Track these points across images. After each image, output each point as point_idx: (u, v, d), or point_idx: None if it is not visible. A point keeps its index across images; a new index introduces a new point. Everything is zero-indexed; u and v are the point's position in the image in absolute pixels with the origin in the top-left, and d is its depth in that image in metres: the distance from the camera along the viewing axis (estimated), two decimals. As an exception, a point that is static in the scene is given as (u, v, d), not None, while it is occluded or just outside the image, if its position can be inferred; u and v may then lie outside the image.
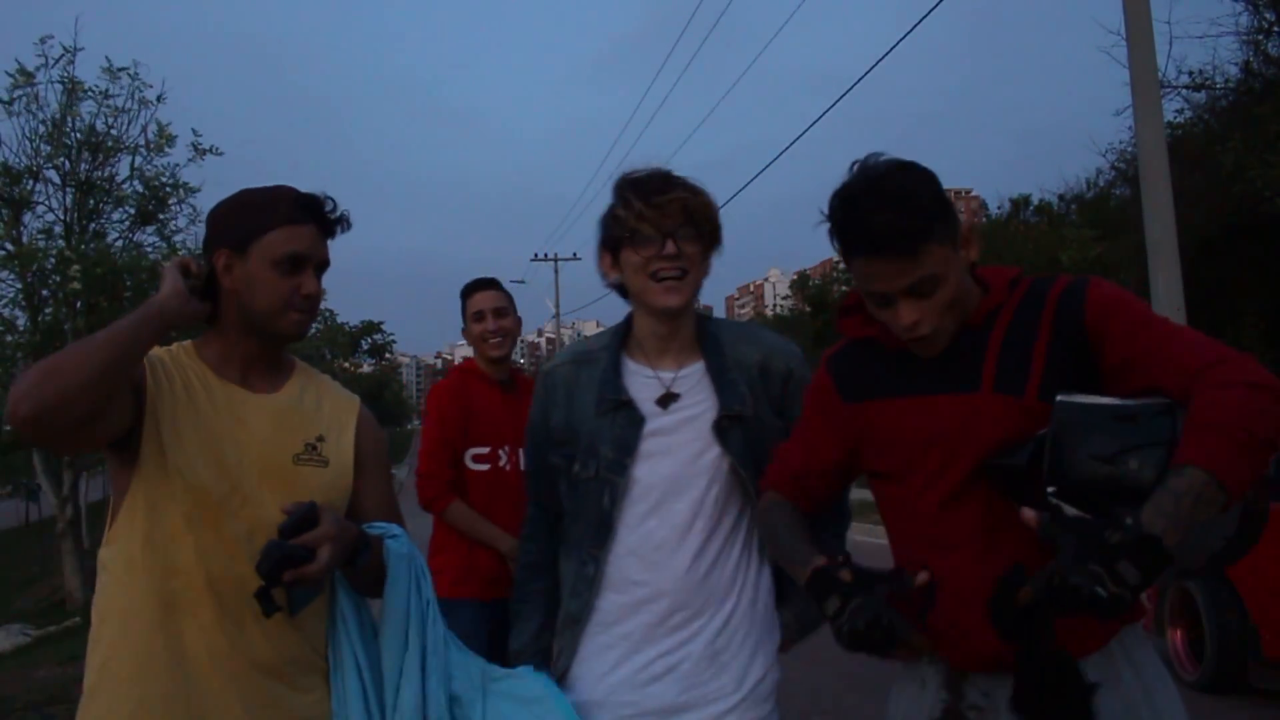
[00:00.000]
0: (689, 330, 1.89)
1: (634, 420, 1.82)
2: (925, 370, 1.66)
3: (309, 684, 1.72)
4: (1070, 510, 1.43)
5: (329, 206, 1.76)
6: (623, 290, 1.90)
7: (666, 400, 1.84)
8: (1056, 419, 1.49)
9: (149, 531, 1.65)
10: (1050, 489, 1.45)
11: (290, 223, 1.70)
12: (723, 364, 1.86)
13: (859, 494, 1.97)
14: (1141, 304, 1.63)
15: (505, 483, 3.14)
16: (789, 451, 1.81)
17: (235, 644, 1.65)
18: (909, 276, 1.54)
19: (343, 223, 1.79)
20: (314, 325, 1.77)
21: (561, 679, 1.85)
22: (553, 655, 1.90)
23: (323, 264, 1.76)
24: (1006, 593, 1.45)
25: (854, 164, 1.63)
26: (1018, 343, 1.61)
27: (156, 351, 1.73)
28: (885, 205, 1.53)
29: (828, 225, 1.63)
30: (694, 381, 1.85)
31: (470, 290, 3.43)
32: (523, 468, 2.46)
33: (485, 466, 3.19)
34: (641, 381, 1.86)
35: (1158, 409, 1.47)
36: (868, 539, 5.32)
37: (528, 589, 1.99)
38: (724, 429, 1.81)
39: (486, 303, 3.34)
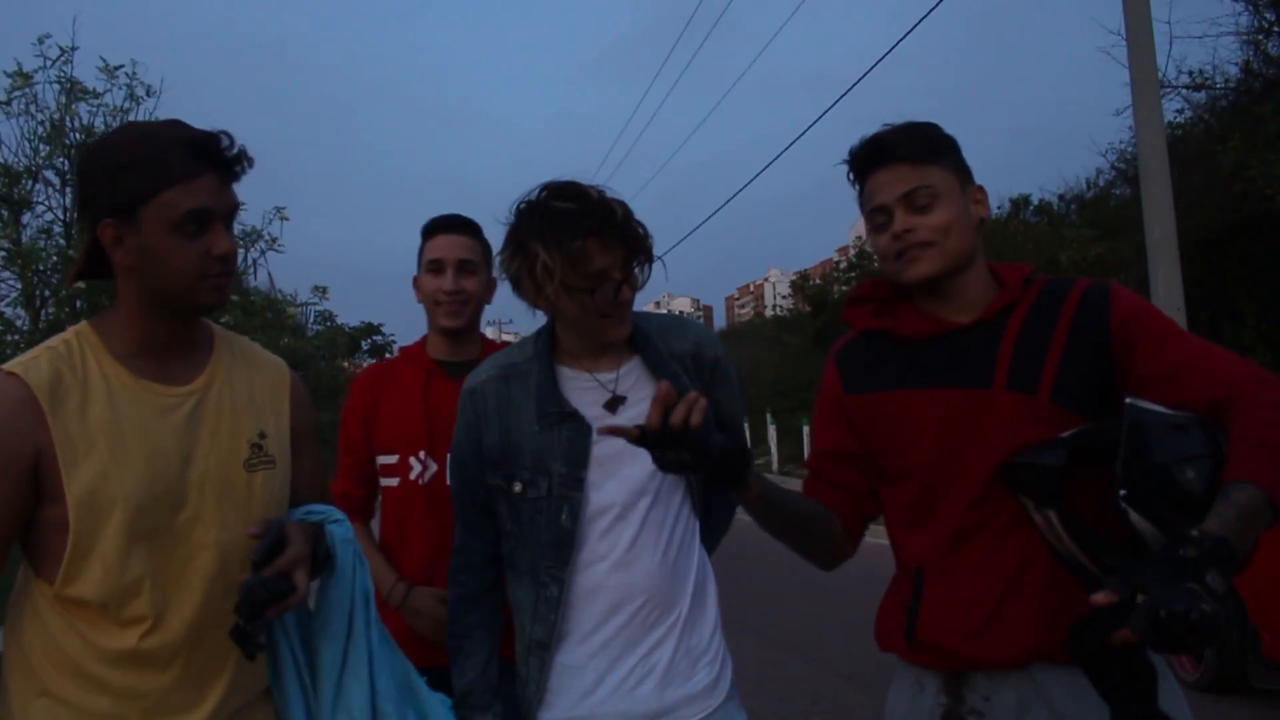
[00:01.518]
0: (630, 322, 1.83)
1: (581, 431, 1.75)
2: (936, 363, 1.66)
3: (260, 705, 1.57)
4: (1135, 516, 1.43)
5: (224, 144, 1.46)
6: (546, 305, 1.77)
7: (614, 404, 1.78)
8: (1130, 421, 1.47)
9: (106, 595, 1.39)
10: (1122, 492, 1.44)
11: (185, 177, 1.40)
12: (659, 356, 1.82)
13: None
14: (1163, 313, 1.64)
15: (417, 500, 2.33)
16: (813, 453, 1.84)
17: (204, 695, 1.46)
18: (907, 183, 1.64)
19: (243, 160, 1.49)
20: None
21: (535, 704, 1.77)
22: (519, 683, 1.80)
23: (231, 212, 1.48)
24: (1093, 635, 1.39)
25: None
26: (1032, 341, 1.61)
27: (53, 359, 1.43)
28: (895, 128, 1.69)
29: (847, 168, 1.73)
30: (635, 378, 1.81)
31: (431, 230, 2.43)
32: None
33: (394, 480, 2.36)
34: (581, 388, 1.79)
35: (1199, 421, 1.48)
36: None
37: (467, 622, 1.84)
38: None
39: (449, 250, 2.38)
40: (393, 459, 2.37)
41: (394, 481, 2.37)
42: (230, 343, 1.62)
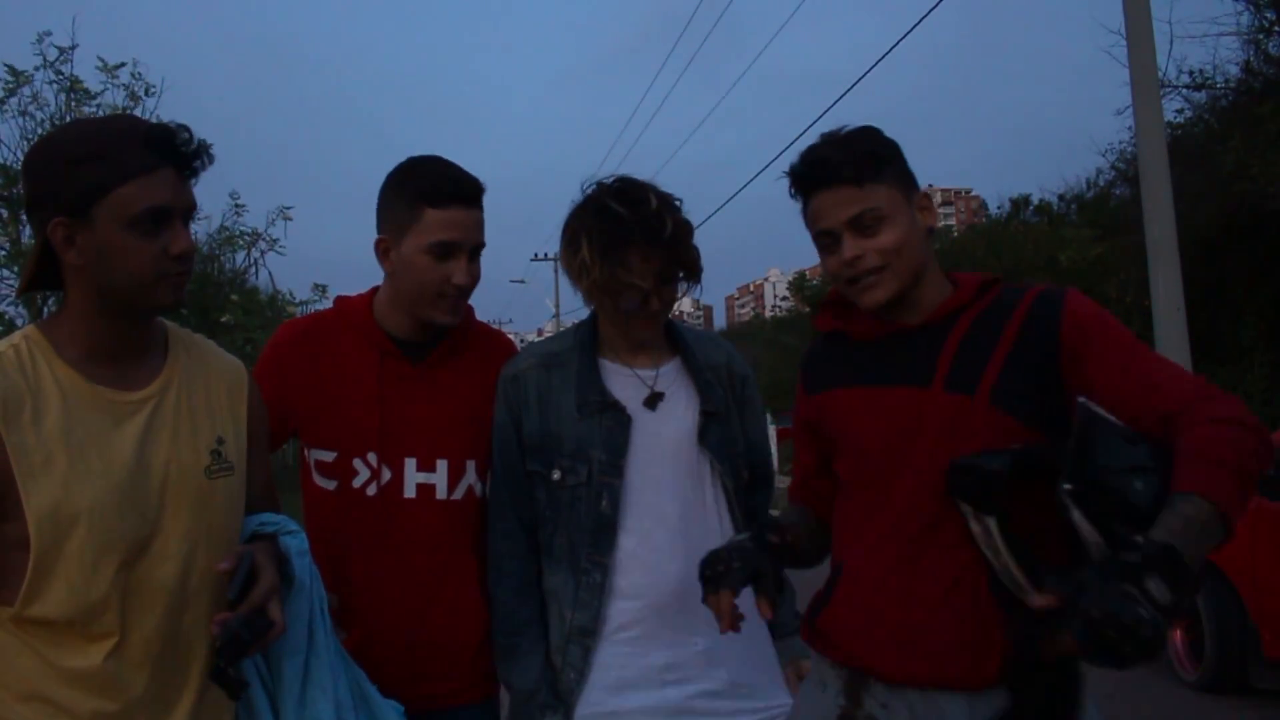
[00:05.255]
0: (659, 328, 1.88)
1: (622, 421, 1.78)
2: (880, 362, 1.65)
3: None
4: (1076, 514, 1.38)
5: (184, 139, 1.38)
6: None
7: (653, 400, 1.81)
8: (1082, 418, 1.44)
9: (73, 613, 1.32)
10: (1067, 486, 1.39)
11: (143, 171, 1.34)
12: (697, 363, 1.86)
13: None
14: (1118, 323, 1.58)
15: (367, 516, 1.84)
16: (796, 460, 1.85)
17: (168, 716, 1.39)
18: (853, 207, 1.57)
19: (203, 155, 1.41)
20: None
21: (576, 691, 1.76)
22: (554, 673, 1.79)
23: (189, 210, 1.41)
24: (1028, 643, 1.38)
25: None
26: (977, 344, 1.58)
27: (3, 367, 1.34)
28: (835, 143, 1.61)
29: (788, 181, 1.67)
30: (673, 378, 1.85)
31: (440, 197, 1.79)
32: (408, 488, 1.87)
33: (331, 483, 1.86)
34: (622, 381, 1.82)
35: (1150, 439, 1.44)
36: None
37: (520, 618, 1.80)
38: (704, 426, 1.81)
39: (467, 232, 1.81)
40: (328, 456, 1.86)
41: (330, 485, 1.86)
42: (186, 344, 1.54)
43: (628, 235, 1.68)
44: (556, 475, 1.78)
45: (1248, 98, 12.91)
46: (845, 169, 1.57)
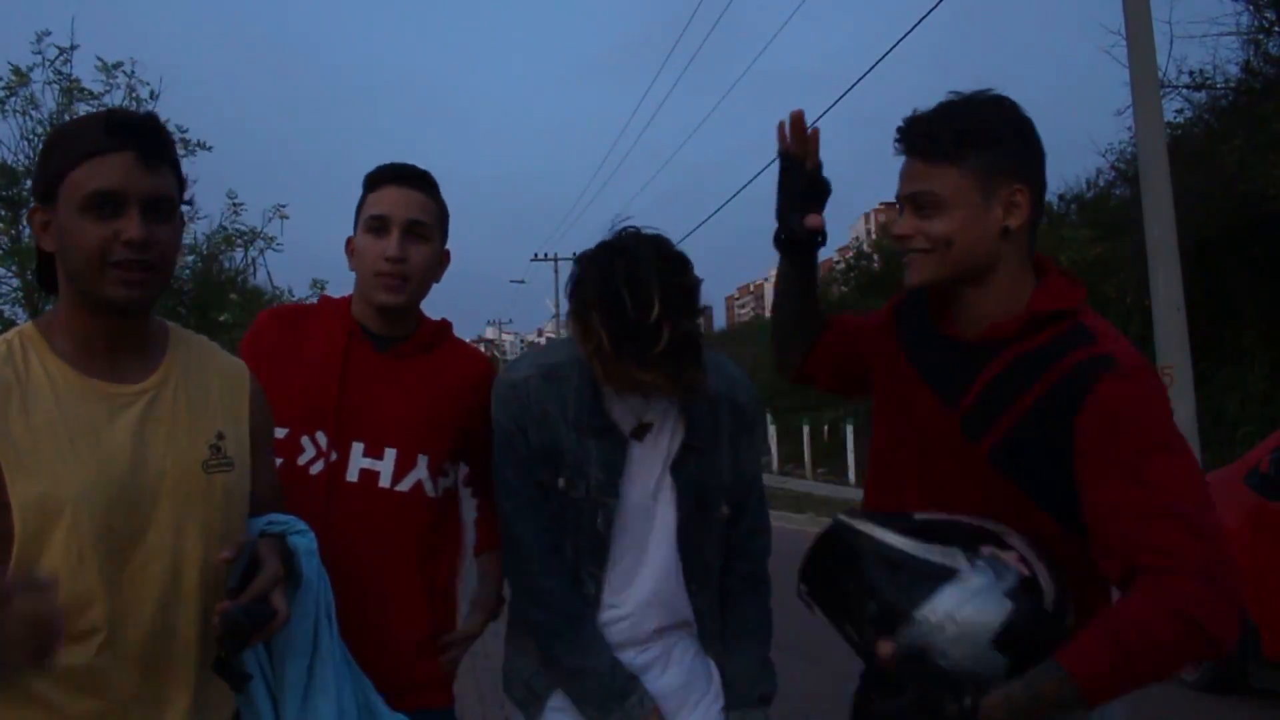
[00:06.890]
0: None
1: (618, 443, 1.79)
2: (935, 352, 1.60)
3: None
4: (819, 610, 1.51)
5: (143, 123, 1.37)
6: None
7: (640, 431, 1.80)
8: (825, 530, 1.53)
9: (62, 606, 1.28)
10: (802, 585, 1.52)
11: (96, 153, 1.32)
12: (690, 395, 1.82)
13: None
14: (1150, 425, 1.38)
15: (308, 496, 1.78)
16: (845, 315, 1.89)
17: (163, 716, 1.37)
18: (914, 184, 1.49)
19: (166, 141, 1.40)
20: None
21: (546, 691, 1.82)
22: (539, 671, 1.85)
23: (157, 200, 1.35)
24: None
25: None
26: (1005, 389, 1.47)
27: None
28: (941, 109, 1.51)
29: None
30: (664, 407, 1.82)
31: (376, 180, 1.94)
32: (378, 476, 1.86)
33: (277, 462, 1.78)
34: (616, 403, 1.80)
35: (931, 572, 1.38)
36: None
37: (576, 606, 1.78)
38: (680, 459, 1.81)
39: (396, 207, 1.88)
40: (279, 433, 1.78)
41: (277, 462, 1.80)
42: (187, 341, 1.53)
43: (632, 346, 1.60)
44: (562, 484, 1.79)
45: (1248, 98, 12.92)
46: (920, 141, 1.48)
